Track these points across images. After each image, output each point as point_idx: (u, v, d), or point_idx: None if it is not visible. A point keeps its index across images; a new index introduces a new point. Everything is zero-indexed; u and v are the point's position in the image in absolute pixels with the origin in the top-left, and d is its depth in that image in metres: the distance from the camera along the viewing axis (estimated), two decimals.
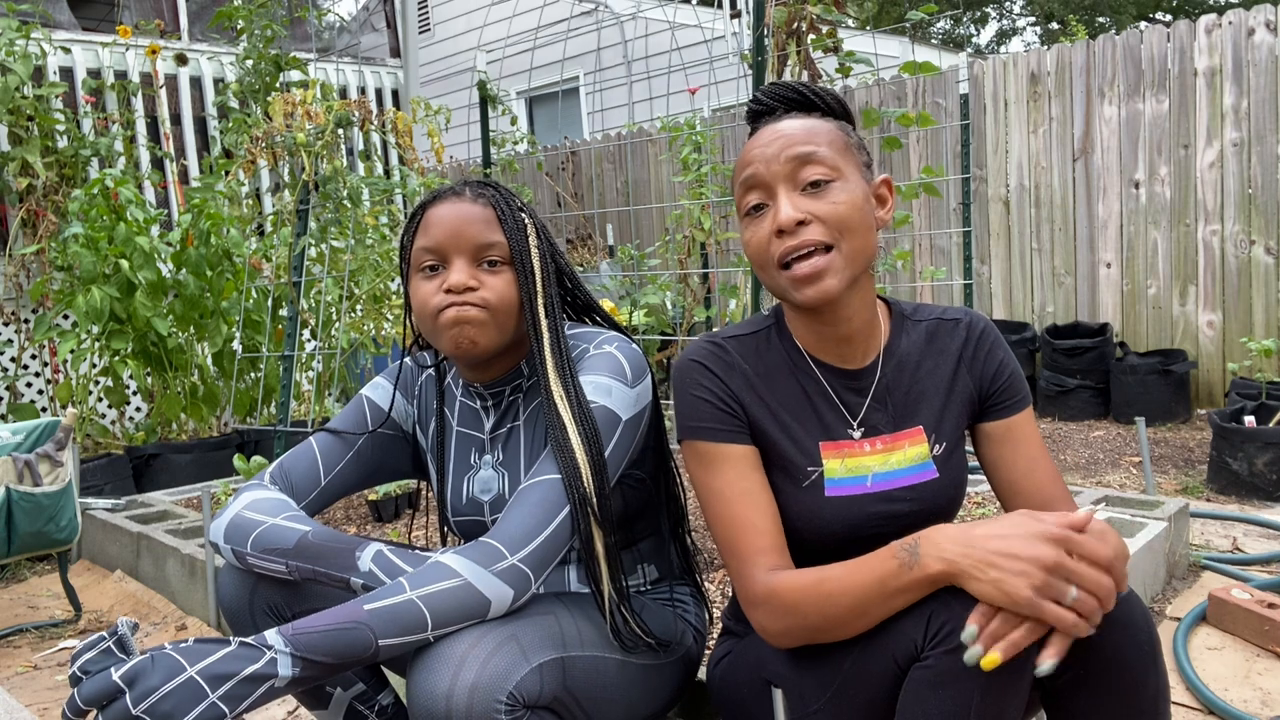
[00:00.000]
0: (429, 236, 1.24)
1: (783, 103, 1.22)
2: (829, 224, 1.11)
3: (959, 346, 1.24)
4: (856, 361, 1.22)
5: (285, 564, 1.17)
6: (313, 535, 1.17)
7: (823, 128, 1.16)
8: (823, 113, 1.21)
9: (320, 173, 3.38)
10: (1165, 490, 3.24)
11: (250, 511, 1.23)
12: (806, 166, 1.12)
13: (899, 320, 1.27)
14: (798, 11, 2.59)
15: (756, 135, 1.19)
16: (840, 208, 1.11)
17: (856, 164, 1.17)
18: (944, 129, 5.27)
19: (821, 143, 1.14)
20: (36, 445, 2.42)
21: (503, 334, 1.25)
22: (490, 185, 1.30)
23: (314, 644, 0.98)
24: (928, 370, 1.23)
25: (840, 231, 1.12)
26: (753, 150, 1.16)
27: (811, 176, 1.12)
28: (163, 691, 0.90)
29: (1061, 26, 15.74)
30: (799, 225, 1.11)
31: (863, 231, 1.13)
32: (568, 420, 1.18)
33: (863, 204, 1.14)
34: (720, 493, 1.16)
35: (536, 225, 1.30)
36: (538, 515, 1.12)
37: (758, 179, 1.15)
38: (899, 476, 1.20)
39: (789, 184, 1.13)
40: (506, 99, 4.68)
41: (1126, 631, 0.94)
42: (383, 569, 1.11)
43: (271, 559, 1.18)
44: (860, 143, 1.20)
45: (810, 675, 1.10)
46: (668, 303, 5.06)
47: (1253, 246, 4.37)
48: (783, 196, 1.13)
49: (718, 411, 1.19)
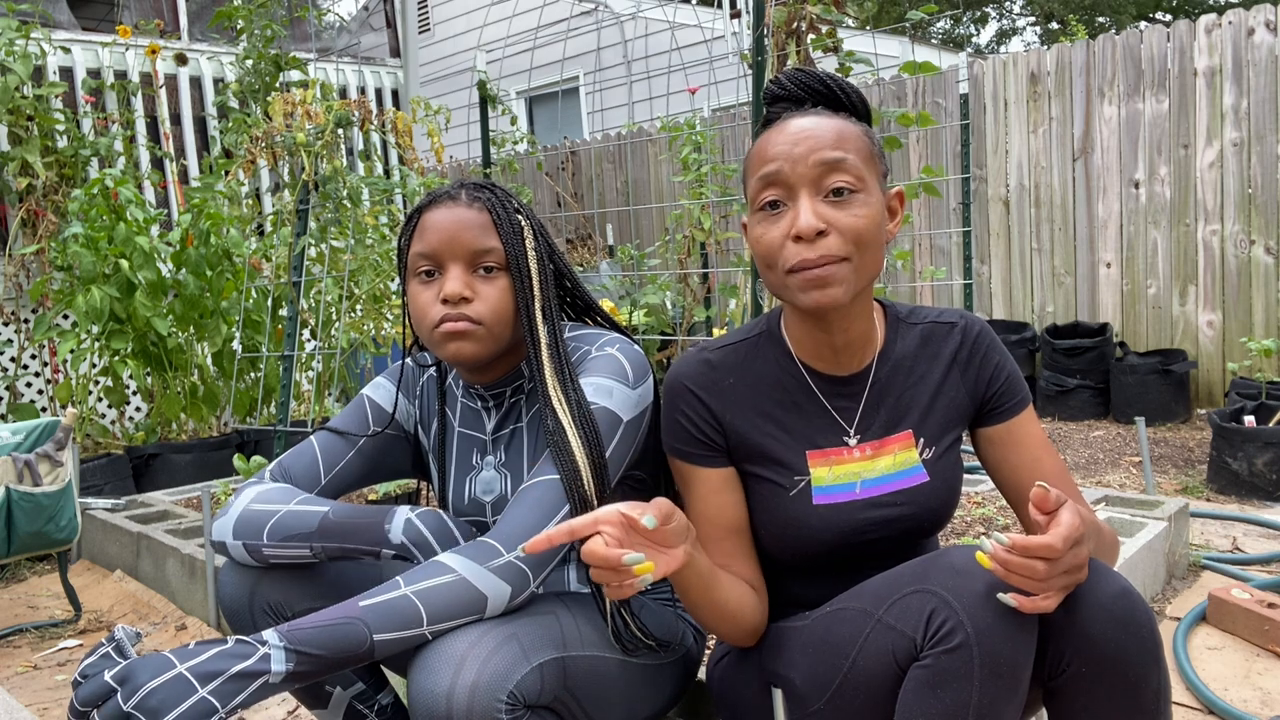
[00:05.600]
0: (424, 242, 1.24)
1: (809, 93, 1.16)
2: (848, 236, 1.07)
3: (953, 350, 1.23)
4: (850, 367, 1.21)
5: (309, 547, 1.19)
6: (334, 514, 1.19)
7: (853, 132, 1.11)
8: (849, 112, 1.16)
9: (320, 173, 3.38)
10: (1165, 490, 3.24)
11: (259, 504, 1.23)
12: (834, 174, 1.08)
13: (894, 323, 1.25)
14: (797, 11, 2.59)
15: (781, 128, 1.12)
16: (861, 221, 1.08)
17: (878, 174, 1.13)
18: (944, 129, 5.27)
19: (851, 150, 1.09)
20: (36, 445, 2.42)
21: (498, 344, 1.25)
22: (487, 187, 1.28)
23: (308, 639, 0.98)
24: (923, 373, 1.22)
25: (858, 245, 1.08)
26: (777, 145, 1.10)
27: (836, 184, 1.07)
28: (150, 687, 0.91)
29: (1061, 26, 15.74)
30: (819, 236, 1.07)
31: (877, 247, 1.10)
32: (567, 425, 1.17)
33: (881, 218, 1.11)
34: (693, 506, 1.24)
35: (534, 227, 1.28)
36: (537, 514, 1.12)
37: (780, 177, 1.09)
38: (888, 481, 1.19)
39: (812, 189, 1.08)
40: (506, 99, 4.68)
41: (1128, 630, 0.94)
42: (413, 540, 1.15)
43: (292, 545, 1.19)
44: (882, 151, 1.16)
45: (810, 675, 1.10)
46: (668, 303, 5.06)
47: (1253, 246, 4.37)
48: (805, 201, 1.08)
49: (695, 438, 1.22)
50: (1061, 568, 0.90)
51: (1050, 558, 0.89)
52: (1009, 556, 0.89)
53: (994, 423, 1.22)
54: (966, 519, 2.58)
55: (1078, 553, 0.91)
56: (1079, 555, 0.91)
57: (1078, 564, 0.91)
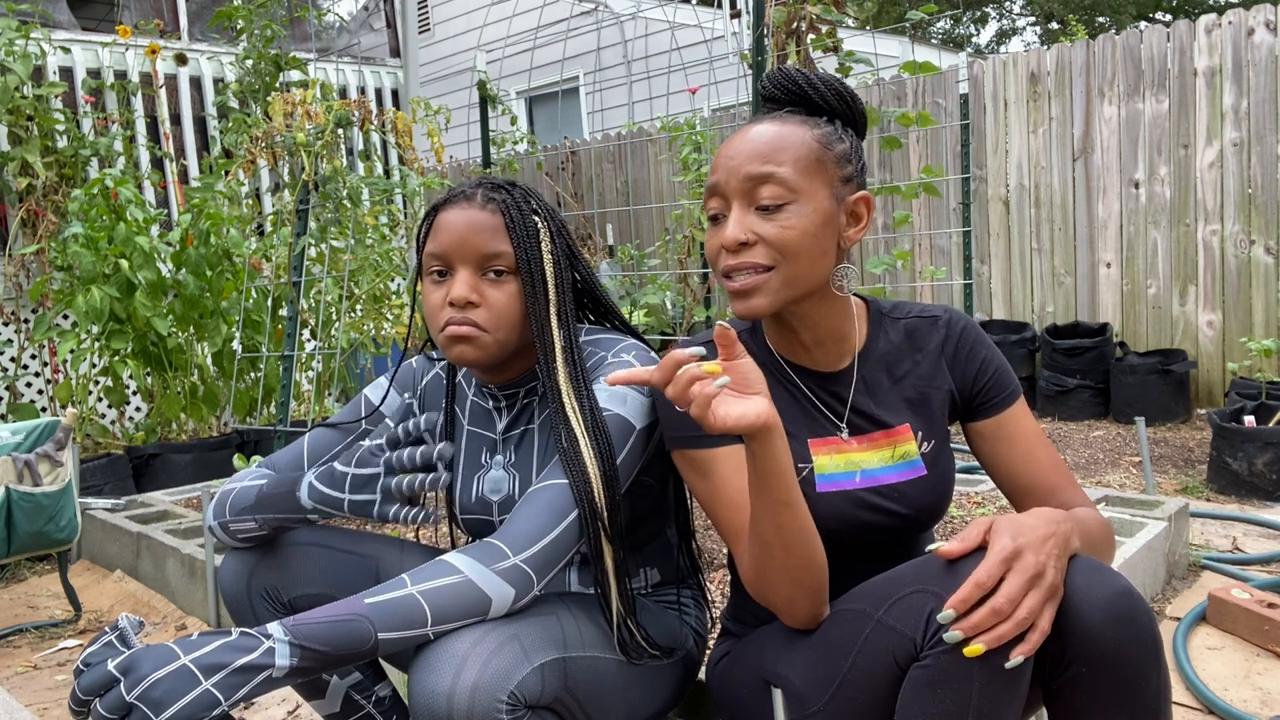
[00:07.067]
0: (437, 242, 1.24)
1: (784, 93, 1.19)
2: (773, 247, 1.11)
3: (939, 345, 1.23)
4: (830, 364, 1.22)
5: (254, 519, 1.25)
6: (267, 486, 1.25)
7: (793, 141, 1.12)
8: (824, 112, 1.17)
9: (320, 173, 3.38)
10: (1165, 490, 3.24)
11: (231, 484, 1.32)
12: (762, 187, 1.11)
13: (877, 319, 1.25)
14: (797, 11, 2.59)
15: (731, 139, 1.16)
16: (789, 233, 1.10)
17: (827, 180, 1.13)
18: (944, 129, 5.27)
19: (785, 160, 1.11)
20: (36, 445, 2.42)
21: (502, 349, 1.25)
22: (504, 187, 1.28)
23: (313, 634, 0.98)
24: (909, 369, 1.23)
25: (783, 255, 1.11)
26: (722, 156, 1.15)
27: (763, 199, 1.11)
28: (153, 678, 0.91)
29: (1061, 26, 15.74)
30: (741, 246, 1.11)
31: (810, 256, 1.12)
32: (580, 434, 1.17)
33: (818, 228, 1.12)
34: (717, 497, 1.16)
35: (552, 229, 1.28)
36: (544, 517, 1.12)
37: (719, 188, 1.14)
38: (887, 473, 1.19)
39: (743, 201, 1.12)
40: (506, 99, 4.68)
41: (1128, 629, 0.94)
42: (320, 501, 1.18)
43: (244, 518, 1.26)
44: (846, 153, 1.15)
45: (810, 676, 1.10)
46: (668, 303, 5.06)
47: (1252, 246, 4.37)
48: (735, 213, 1.12)
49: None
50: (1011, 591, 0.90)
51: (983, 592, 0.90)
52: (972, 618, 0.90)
53: (985, 416, 1.23)
54: (966, 519, 2.58)
55: (1023, 564, 0.91)
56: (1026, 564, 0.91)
57: (1034, 573, 0.91)
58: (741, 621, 1.34)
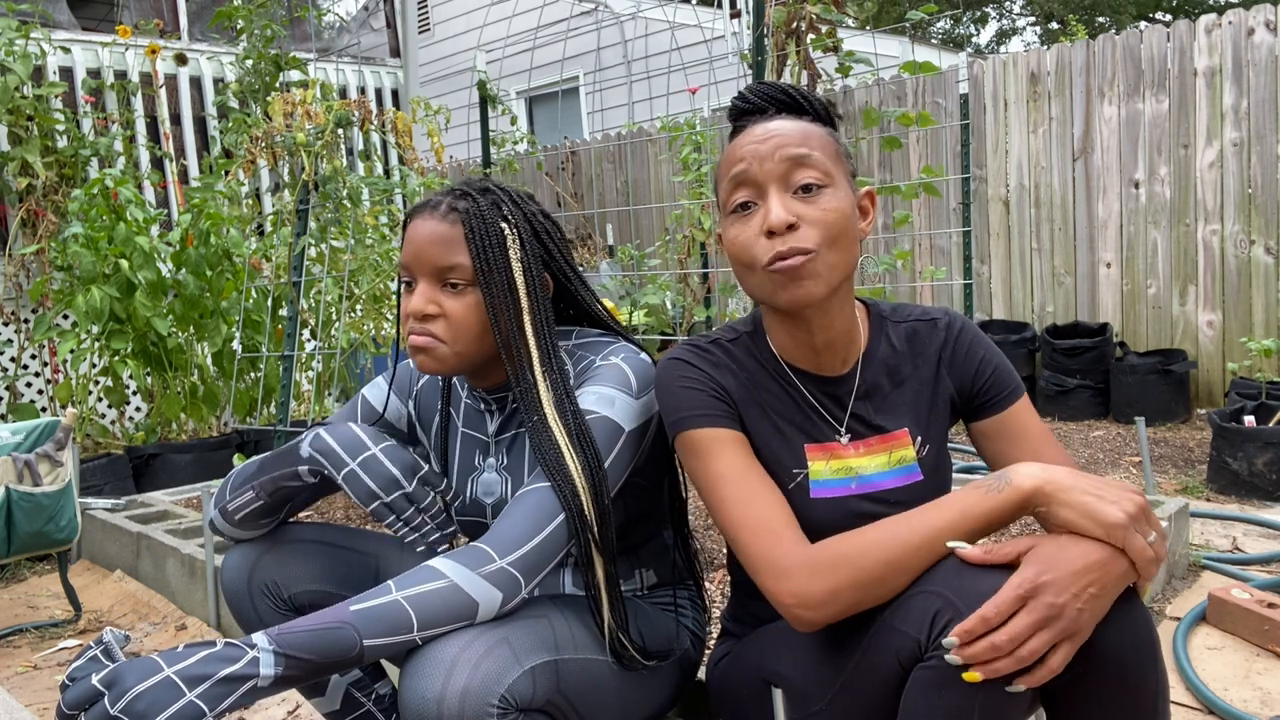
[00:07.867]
0: (404, 252, 1.26)
1: (771, 103, 1.19)
2: (818, 229, 1.09)
3: (938, 347, 1.23)
4: (835, 369, 1.21)
5: (253, 487, 1.29)
6: (269, 455, 1.30)
7: (816, 132, 1.13)
8: (812, 117, 1.18)
9: (320, 173, 3.38)
10: (1165, 490, 3.24)
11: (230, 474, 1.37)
12: (800, 169, 1.10)
13: (878, 322, 1.24)
14: (797, 11, 2.59)
15: (747, 132, 1.15)
16: (830, 215, 1.09)
17: (846, 173, 1.14)
18: (944, 129, 5.27)
19: (816, 147, 1.11)
20: (36, 445, 2.42)
21: (463, 359, 1.25)
22: (472, 194, 1.25)
23: (298, 643, 0.98)
24: (909, 373, 1.22)
25: (828, 240, 1.09)
26: (744, 146, 1.13)
27: (804, 180, 1.09)
28: (137, 691, 0.91)
29: (1061, 26, 15.75)
30: (789, 229, 1.08)
31: (847, 242, 1.11)
32: (563, 443, 1.16)
33: (850, 214, 1.12)
34: (723, 476, 1.12)
35: (523, 235, 1.25)
36: (530, 521, 1.11)
37: (748, 176, 1.11)
38: (884, 479, 1.18)
39: (781, 185, 1.10)
40: (506, 99, 4.68)
41: (1127, 631, 0.94)
42: (319, 450, 1.22)
43: (243, 491, 1.30)
44: (849, 153, 1.17)
45: (811, 676, 1.10)
46: (668, 303, 5.06)
47: (1252, 246, 4.37)
48: (774, 197, 1.09)
49: (707, 398, 1.17)
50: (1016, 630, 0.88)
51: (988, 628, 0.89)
52: (972, 647, 0.89)
53: (986, 415, 1.22)
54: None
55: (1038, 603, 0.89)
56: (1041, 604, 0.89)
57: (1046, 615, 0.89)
58: (742, 622, 1.33)
